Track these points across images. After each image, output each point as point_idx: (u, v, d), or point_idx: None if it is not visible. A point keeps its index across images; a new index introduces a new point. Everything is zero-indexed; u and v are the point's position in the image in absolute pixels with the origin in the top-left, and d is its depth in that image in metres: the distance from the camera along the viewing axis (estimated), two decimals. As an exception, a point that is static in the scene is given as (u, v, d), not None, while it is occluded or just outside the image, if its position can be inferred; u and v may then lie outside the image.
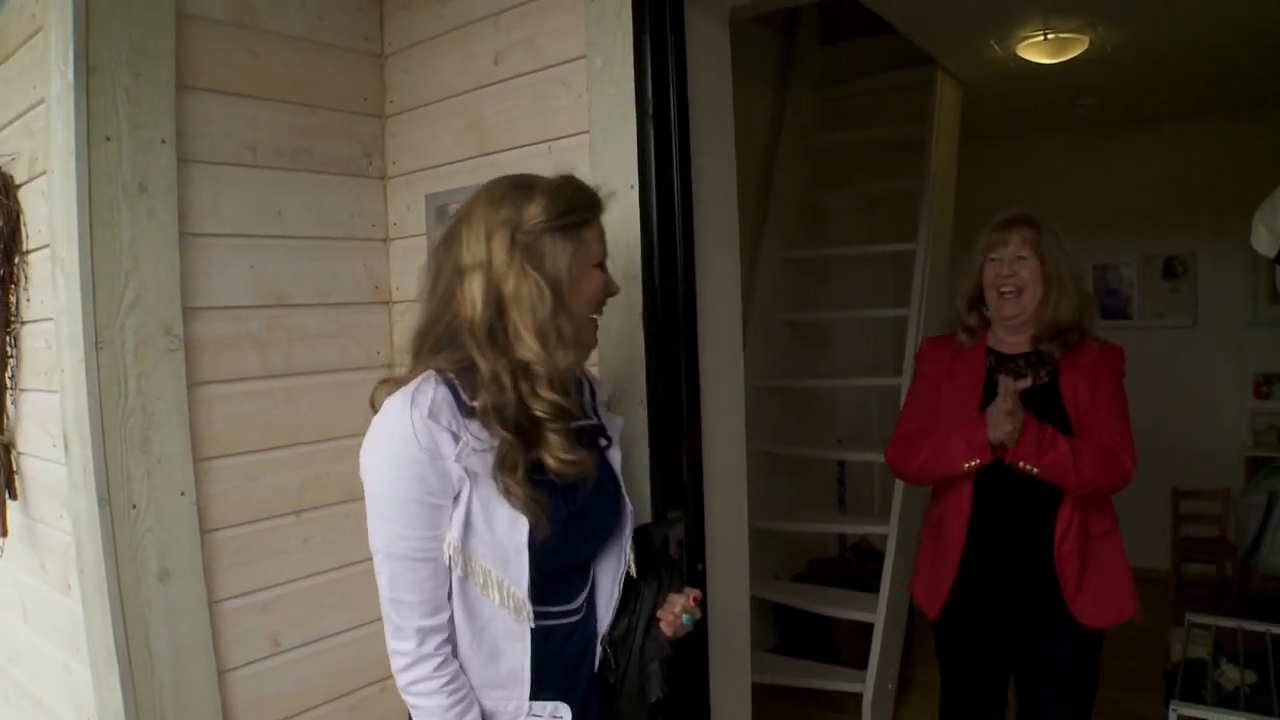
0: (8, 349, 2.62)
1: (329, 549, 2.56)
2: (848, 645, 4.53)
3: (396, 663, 1.69)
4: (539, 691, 1.72)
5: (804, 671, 4.40)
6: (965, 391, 2.66)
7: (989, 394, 2.54)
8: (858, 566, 5.03)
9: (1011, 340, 2.66)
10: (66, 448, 2.22)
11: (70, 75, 2.08)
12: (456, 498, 1.65)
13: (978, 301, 2.70)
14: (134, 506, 2.14)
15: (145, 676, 2.18)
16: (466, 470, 1.64)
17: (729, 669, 2.45)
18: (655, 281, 2.17)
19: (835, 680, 4.28)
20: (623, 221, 2.16)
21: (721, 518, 2.40)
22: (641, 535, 1.96)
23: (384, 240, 2.72)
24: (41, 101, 2.35)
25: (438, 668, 1.68)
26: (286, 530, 2.48)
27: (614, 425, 1.91)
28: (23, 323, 2.59)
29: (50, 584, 2.65)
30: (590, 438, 1.83)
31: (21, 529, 2.77)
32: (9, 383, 2.67)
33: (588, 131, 2.25)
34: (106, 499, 2.09)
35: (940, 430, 2.64)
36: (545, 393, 1.66)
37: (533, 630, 1.69)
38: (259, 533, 2.42)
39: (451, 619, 1.70)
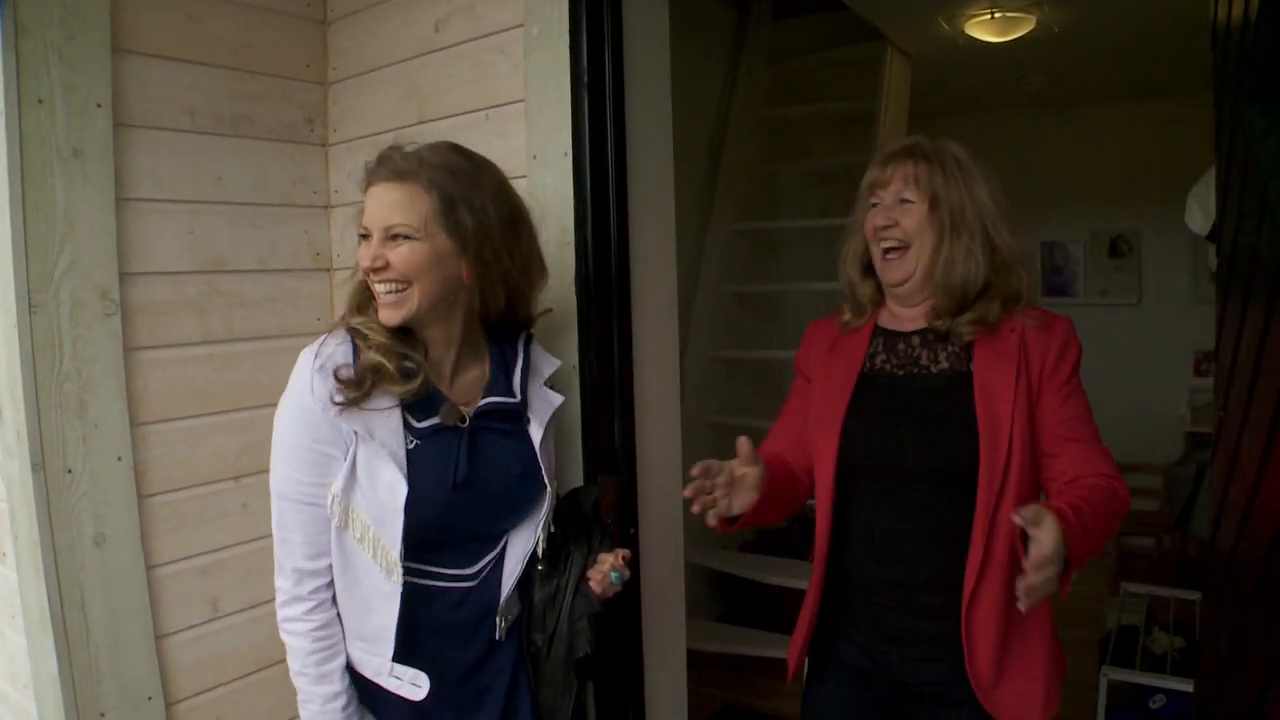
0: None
1: (269, 514, 2.56)
2: (793, 614, 4.58)
3: (277, 598, 1.80)
4: (407, 653, 1.77)
5: (748, 640, 4.46)
6: (834, 388, 1.98)
7: (863, 392, 1.95)
8: (801, 535, 5.09)
9: (906, 314, 1.98)
10: (1, 412, 2.22)
11: (0, 39, 2.06)
12: (345, 452, 1.73)
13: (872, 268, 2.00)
14: (69, 471, 2.13)
15: (81, 641, 2.17)
16: (356, 426, 1.71)
17: (663, 634, 2.49)
18: (588, 248, 2.19)
19: (778, 649, 4.33)
20: (557, 189, 2.18)
21: (655, 483, 2.43)
22: (571, 499, 2.00)
23: (325, 207, 2.72)
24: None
25: (309, 611, 1.78)
26: (226, 495, 2.48)
27: (546, 402, 1.94)
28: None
29: (-15, 551, 2.63)
30: (504, 415, 1.87)
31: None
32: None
33: (524, 100, 2.26)
34: (41, 464, 2.08)
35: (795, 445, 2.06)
36: (366, 353, 1.74)
37: (410, 591, 1.74)
38: (198, 497, 2.42)
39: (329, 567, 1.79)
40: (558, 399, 1.97)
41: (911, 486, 1.87)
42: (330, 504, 1.73)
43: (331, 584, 1.81)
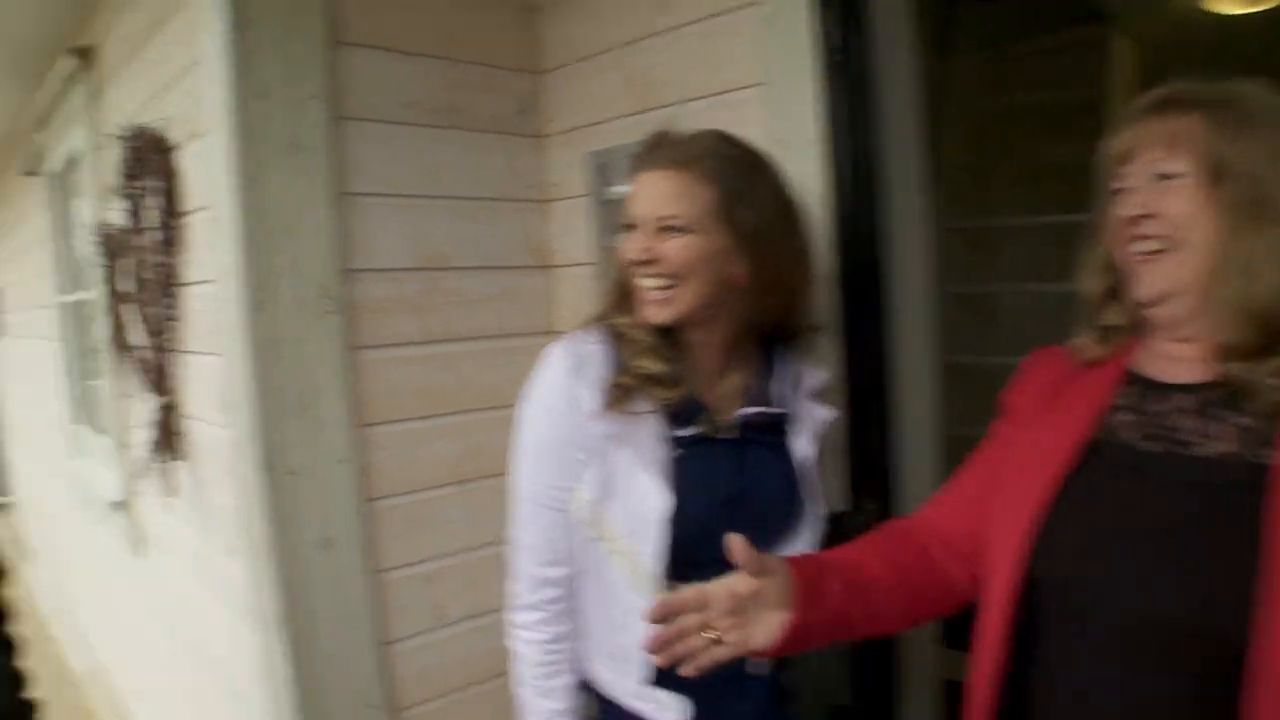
0: (170, 311, 2.63)
1: (491, 522, 2.47)
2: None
3: (511, 604, 1.71)
4: (662, 676, 1.58)
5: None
6: (1041, 456, 1.28)
7: (1087, 472, 1.23)
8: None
9: (1177, 354, 1.23)
10: (228, 412, 2.20)
11: (223, 33, 2.04)
12: (599, 457, 1.59)
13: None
14: (293, 473, 2.08)
15: (308, 645, 2.14)
16: (611, 431, 1.57)
17: (917, 667, 2.26)
18: (845, 245, 1.98)
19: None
20: (806, 180, 1.95)
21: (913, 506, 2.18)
22: (834, 523, 1.80)
23: (542, 201, 2.61)
24: (197, 62, 2.32)
25: (542, 621, 1.68)
26: (448, 501, 2.40)
27: (813, 416, 1.74)
28: (183, 285, 2.58)
29: (214, 545, 2.65)
30: (766, 427, 1.69)
31: (189, 489, 2.79)
32: (173, 345, 2.67)
33: (763, 83, 2.06)
34: (267, 465, 2.05)
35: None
36: (629, 355, 1.61)
37: None
38: (420, 502, 2.35)
39: (572, 579, 1.68)
40: (828, 413, 1.77)
41: (1143, 645, 1.13)
42: (580, 510, 1.61)
43: (567, 595, 1.69)
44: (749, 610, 1.23)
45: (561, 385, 1.60)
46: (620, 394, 1.57)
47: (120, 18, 3.12)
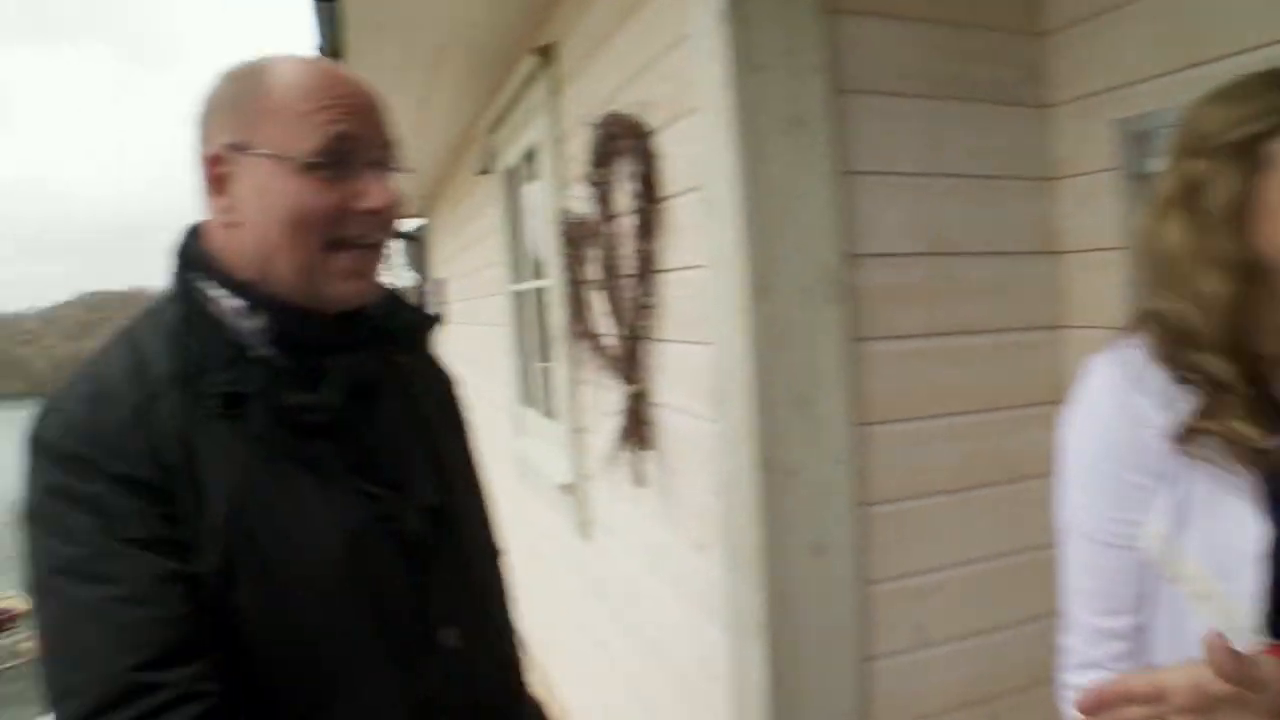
0: (647, 299, 2.58)
1: (988, 534, 2.23)
2: None
3: (1065, 660, 1.41)
4: None
5: None
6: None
7: None
8: None
9: None
10: (719, 404, 2.09)
11: (719, 4, 1.94)
12: (1170, 482, 1.27)
13: None
14: (789, 472, 1.94)
15: (790, 655, 2.01)
16: (1185, 450, 1.25)
17: None
18: None
19: None
20: None
21: None
22: None
23: (1050, 179, 2.31)
24: (682, 40, 2.24)
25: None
26: (944, 509, 2.18)
27: None
28: (660, 272, 2.52)
29: (682, 540, 2.59)
30: None
31: (655, 480, 2.74)
32: (647, 332, 2.63)
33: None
34: (763, 462, 1.91)
35: None
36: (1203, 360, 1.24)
37: None
38: (915, 510, 2.14)
39: (1141, 630, 1.34)
40: None
41: None
42: (1149, 547, 1.32)
43: (1135, 651, 1.39)
44: (1220, 714, 0.94)
45: (1117, 399, 1.31)
46: (1204, 416, 1.26)
47: (584, 12, 3.15)
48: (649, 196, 2.48)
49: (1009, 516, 2.24)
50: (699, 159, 2.11)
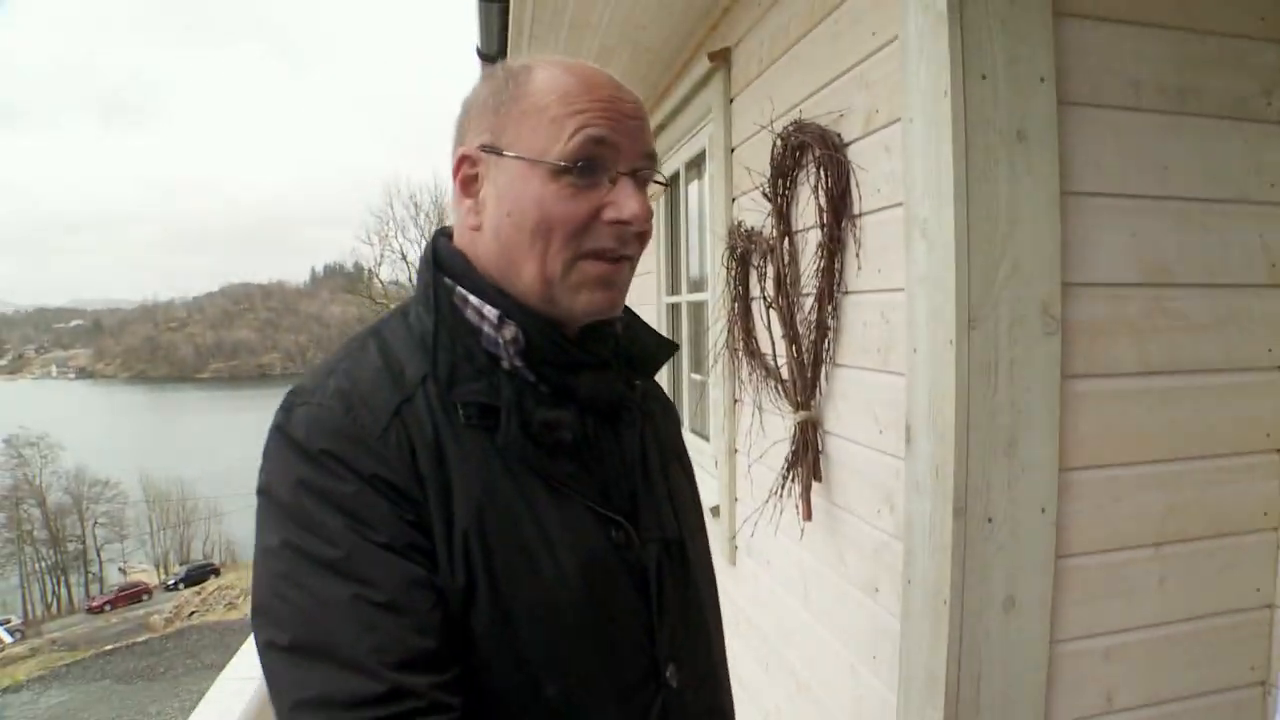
0: (827, 320, 2.43)
1: (1185, 594, 2.02)
2: None
3: None
4: None
5: None
6: None
7: None
8: None
9: None
10: (908, 440, 1.94)
11: (940, 5, 1.78)
12: None
13: None
14: (990, 520, 1.78)
15: (969, 715, 1.83)
16: None
17: None
18: None
19: None
20: None
21: None
22: None
23: (1287, 204, 2.08)
24: (889, 43, 2.11)
25: None
26: (1140, 565, 1.97)
27: None
28: (846, 293, 2.37)
29: (848, 579, 2.44)
30: None
31: (820, 513, 2.60)
32: (825, 356, 2.48)
33: None
34: (963, 508, 1.76)
35: None
36: None
37: None
38: (1110, 565, 1.94)
39: None
40: None
41: None
42: None
43: None
44: None
45: None
46: None
47: (767, 15, 3.02)
48: (839, 212, 2.33)
49: (1211, 575, 2.03)
50: (905, 173, 1.96)
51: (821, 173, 2.35)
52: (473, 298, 1.17)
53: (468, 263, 1.20)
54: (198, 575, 44.47)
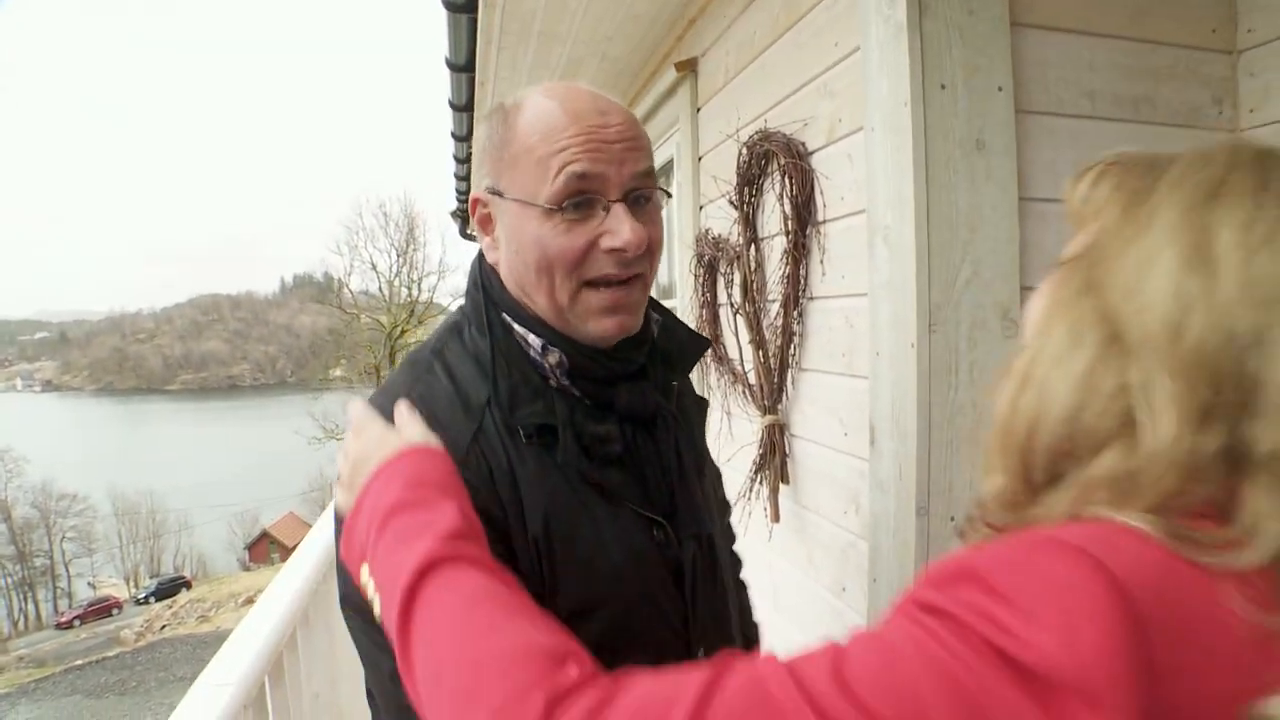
0: (793, 326, 2.47)
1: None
2: None
3: None
4: None
5: None
6: None
7: None
8: None
9: None
10: (872, 441, 1.98)
11: (900, 18, 1.82)
12: None
13: None
14: (952, 518, 1.82)
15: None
16: None
17: None
18: None
19: None
20: None
21: None
22: None
23: (1242, 211, 2.14)
24: (850, 54, 2.15)
25: None
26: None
27: None
28: (811, 298, 2.41)
29: (816, 579, 2.48)
30: None
31: (788, 515, 2.63)
32: (790, 361, 2.52)
33: None
34: (926, 507, 1.79)
35: None
36: None
37: None
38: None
39: None
40: None
41: None
42: None
43: None
44: None
45: None
46: None
47: (733, 26, 3.05)
48: (804, 219, 2.37)
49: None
50: (868, 181, 2.00)
51: (786, 181, 2.39)
52: (517, 326, 1.26)
53: (505, 290, 1.28)
54: (168, 589, 43.99)
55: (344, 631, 2.81)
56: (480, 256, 1.33)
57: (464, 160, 6.31)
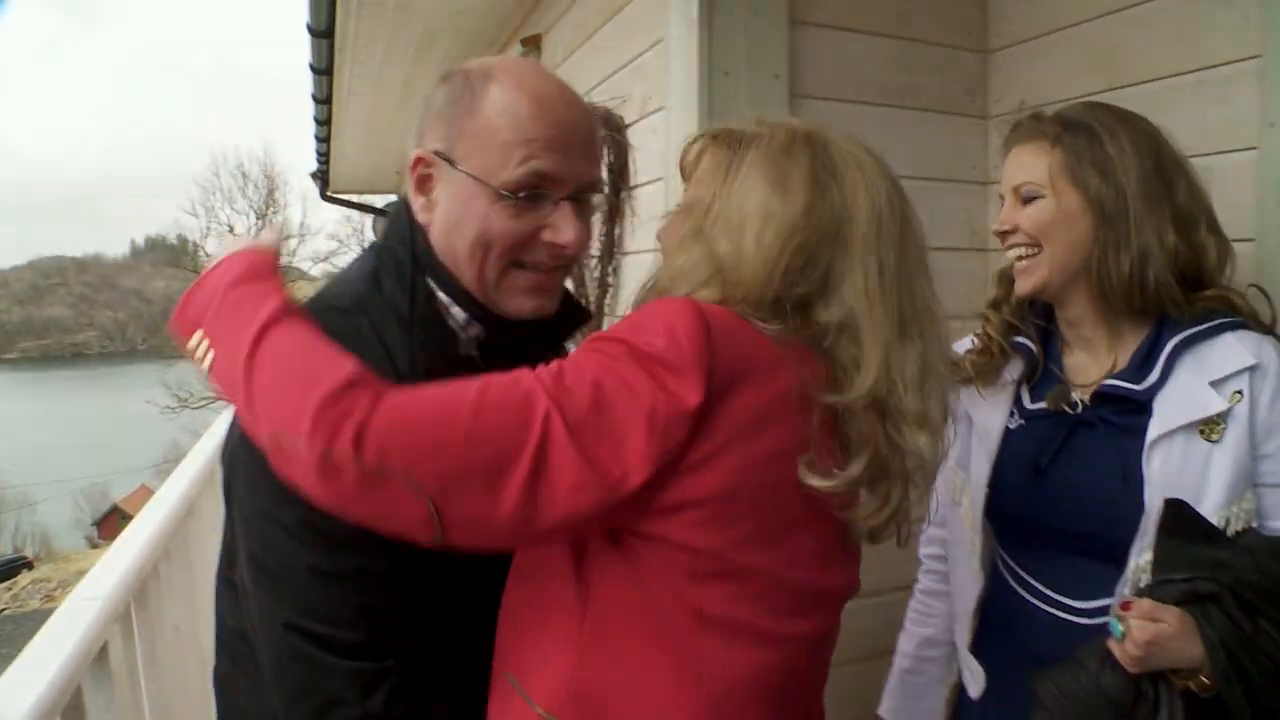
0: (608, 279, 2.78)
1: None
2: None
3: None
4: (977, 645, 1.71)
5: None
6: None
7: None
8: None
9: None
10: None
11: (694, 14, 2.14)
12: (964, 423, 1.73)
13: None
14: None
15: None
16: (966, 406, 1.71)
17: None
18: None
19: None
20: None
21: None
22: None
23: (983, 183, 2.54)
24: (658, 43, 2.44)
25: (921, 572, 1.94)
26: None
27: (1193, 402, 1.47)
28: (625, 253, 2.72)
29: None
30: (1127, 407, 1.53)
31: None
32: (606, 310, 2.83)
33: (1258, 56, 1.88)
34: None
35: None
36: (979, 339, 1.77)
37: (1011, 604, 1.62)
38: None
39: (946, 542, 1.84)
40: (1215, 403, 1.45)
41: None
42: (945, 476, 1.70)
43: (940, 558, 1.85)
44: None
45: None
46: (975, 366, 1.68)
47: (571, 7, 3.34)
48: (619, 185, 2.69)
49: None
50: (666, 153, 2.31)
51: (606, 150, 2.71)
52: (445, 297, 1.32)
53: (432, 254, 1.32)
54: (7, 569, 41.25)
55: (203, 570, 3.00)
56: (408, 211, 1.35)
57: (324, 122, 6.40)
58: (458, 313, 1.32)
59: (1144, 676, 1.29)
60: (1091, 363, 1.62)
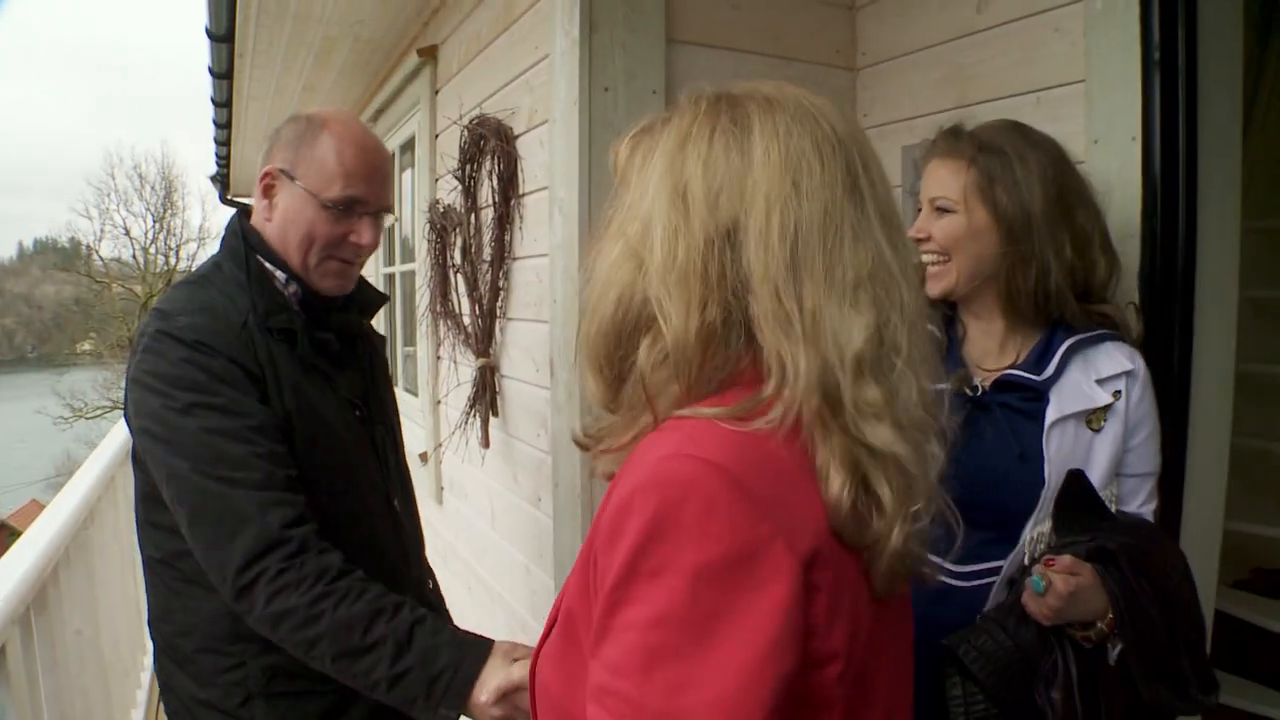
0: (499, 282, 2.90)
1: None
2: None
3: None
4: None
5: (1243, 692, 3.93)
6: None
7: None
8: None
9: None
10: (552, 373, 2.42)
11: (575, 33, 2.26)
12: None
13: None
14: (603, 429, 2.29)
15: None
16: None
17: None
18: (1155, 241, 1.99)
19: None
20: (1120, 176, 1.98)
21: (1196, 509, 2.14)
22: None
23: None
24: (544, 59, 2.57)
25: None
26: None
27: (1081, 394, 1.72)
28: (515, 258, 2.85)
29: (520, 495, 2.91)
30: (1025, 394, 1.74)
31: (499, 444, 3.07)
32: (499, 311, 2.95)
33: (1083, 80, 2.09)
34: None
35: None
36: None
37: None
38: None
39: None
40: (1101, 397, 1.69)
41: None
42: None
43: None
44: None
45: None
46: None
47: (465, 21, 3.45)
48: (508, 193, 2.81)
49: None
50: (551, 163, 2.44)
51: (496, 160, 2.83)
52: (267, 264, 1.77)
53: (264, 241, 1.78)
54: None
55: (104, 577, 3.03)
56: (240, 215, 1.83)
57: (224, 125, 6.37)
58: (281, 275, 1.77)
59: (1049, 630, 1.49)
60: (991, 353, 1.81)
